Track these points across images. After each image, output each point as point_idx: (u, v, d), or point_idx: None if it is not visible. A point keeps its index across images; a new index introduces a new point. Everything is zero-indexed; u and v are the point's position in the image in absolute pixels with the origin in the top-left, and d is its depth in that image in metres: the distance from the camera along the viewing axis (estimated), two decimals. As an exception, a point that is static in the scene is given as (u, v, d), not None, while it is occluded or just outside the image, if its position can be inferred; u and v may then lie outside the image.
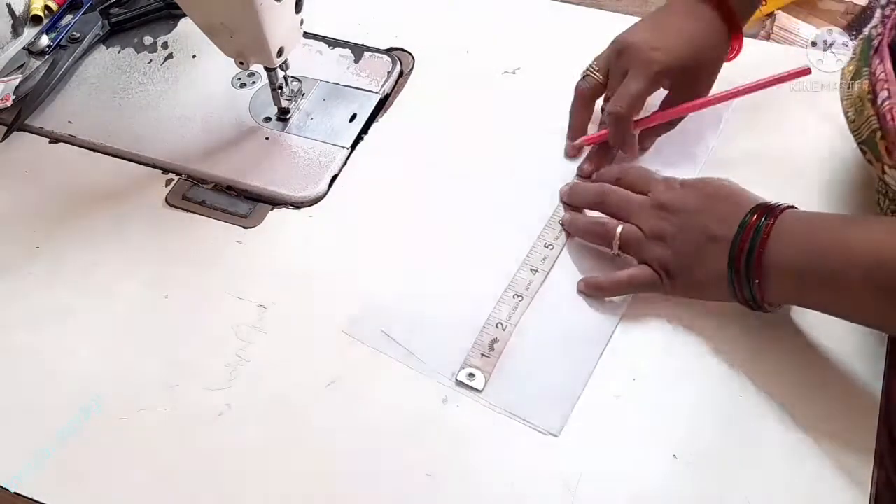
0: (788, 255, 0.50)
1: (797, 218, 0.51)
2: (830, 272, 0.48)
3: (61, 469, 0.52)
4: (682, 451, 0.51)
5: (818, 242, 0.49)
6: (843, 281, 0.48)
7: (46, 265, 0.62)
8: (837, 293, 0.49)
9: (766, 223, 0.50)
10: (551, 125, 0.68)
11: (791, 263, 0.49)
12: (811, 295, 0.51)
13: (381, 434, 0.52)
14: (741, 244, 0.51)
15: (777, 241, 0.50)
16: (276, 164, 0.67)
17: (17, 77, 0.73)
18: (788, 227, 0.50)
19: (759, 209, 0.52)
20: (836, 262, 0.48)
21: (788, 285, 0.50)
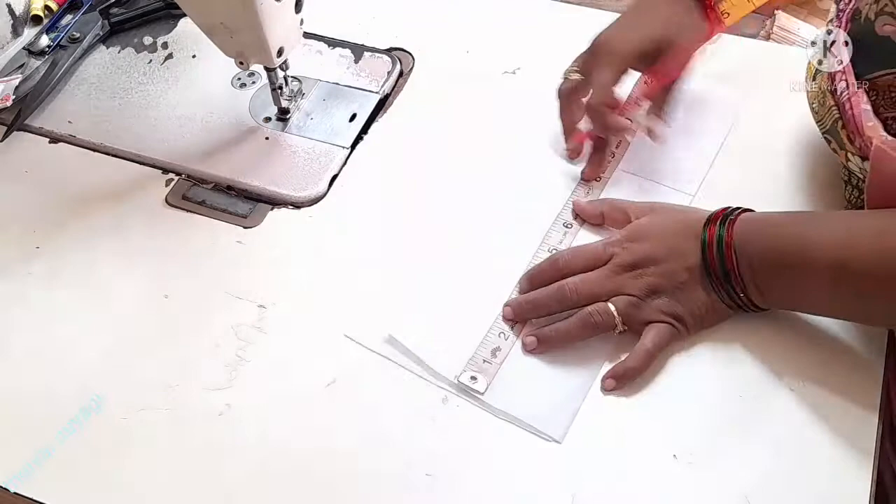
0: (754, 260, 0.52)
1: (751, 220, 0.53)
2: (800, 277, 0.51)
3: (61, 469, 0.52)
4: (682, 451, 0.51)
5: (778, 242, 0.52)
6: (813, 286, 0.51)
7: (46, 265, 0.62)
8: (812, 296, 0.52)
9: (722, 235, 0.53)
10: (551, 125, 0.68)
11: (759, 268, 0.51)
12: (792, 298, 0.53)
13: (381, 434, 0.52)
14: (710, 260, 0.53)
15: (741, 248, 0.52)
16: (276, 164, 0.67)
17: (17, 77, 0.73)
18: (744, 232, 0.52)
19: (708, 223, 0.54)
20: (802, 267, 0.50)
21: (769, 289, 0.52)
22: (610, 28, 0.63)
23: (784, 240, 0.52)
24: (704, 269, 0.53)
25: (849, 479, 0.49)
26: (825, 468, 0.49)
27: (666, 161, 0.65)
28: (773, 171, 0.64)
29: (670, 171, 0.65)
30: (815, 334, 0.55)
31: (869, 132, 0.53)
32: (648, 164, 0.65)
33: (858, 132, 0.54)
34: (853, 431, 0.51)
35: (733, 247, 0.52)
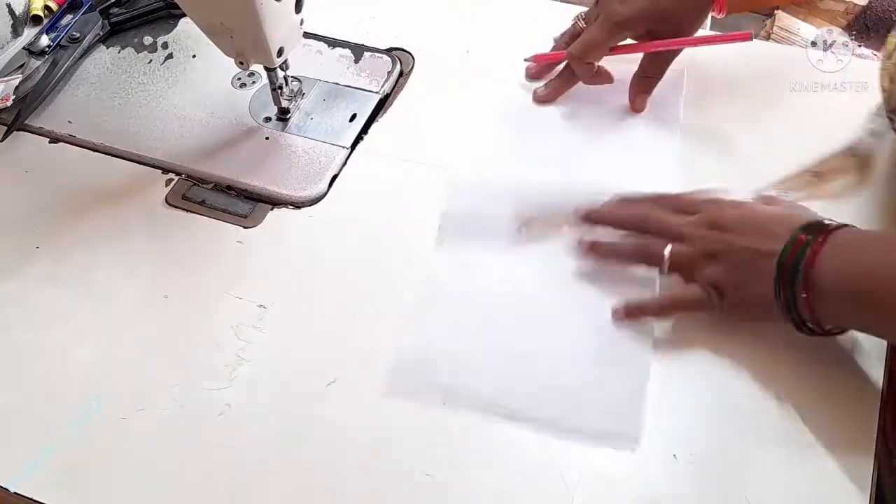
0: (838, 273, 0.48)
1: (852, 236, 0.50)
2: (877, 290, 0.47)
3: (61, 469, 0.52)
4: (682, 451, 0.51)
5: (872, 262, 0.48)
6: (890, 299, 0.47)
7: (46, 265, 0.62)
8: (884, 313, 0.48)
9: (815, 239, 0.49)
10: (551, 124, 0.68)
11: (840, 281, 0.48)
12: (863, 316, 0.49)
13: (381, 434, 0.52)
14: (788, 258, 0.50)
15: (829, 257, 0.48)
16: (276, 164, 0.67)
17: (17, 77, 0.73)
18: (842, 244, 0.49)
19: (811, 226, 0.51)
20: (883, 280, 0.47)
21: (838, 304, 0.49)
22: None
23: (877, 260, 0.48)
24: (777, 268, 0.50)
25: (849, 479, 0.49)
26: (825, 468, 0.49)
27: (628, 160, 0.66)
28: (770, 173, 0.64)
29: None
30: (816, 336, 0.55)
31: None
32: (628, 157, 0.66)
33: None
34: (853, 431, 0.51)
35: (819, 257, 0.49)
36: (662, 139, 0.66)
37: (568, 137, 0.68)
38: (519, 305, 0.57)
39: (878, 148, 0.62)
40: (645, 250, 0.56)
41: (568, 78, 0.69)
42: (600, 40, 0.65)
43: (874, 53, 1.60)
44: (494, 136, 0.68)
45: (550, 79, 0.70)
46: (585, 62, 0.66)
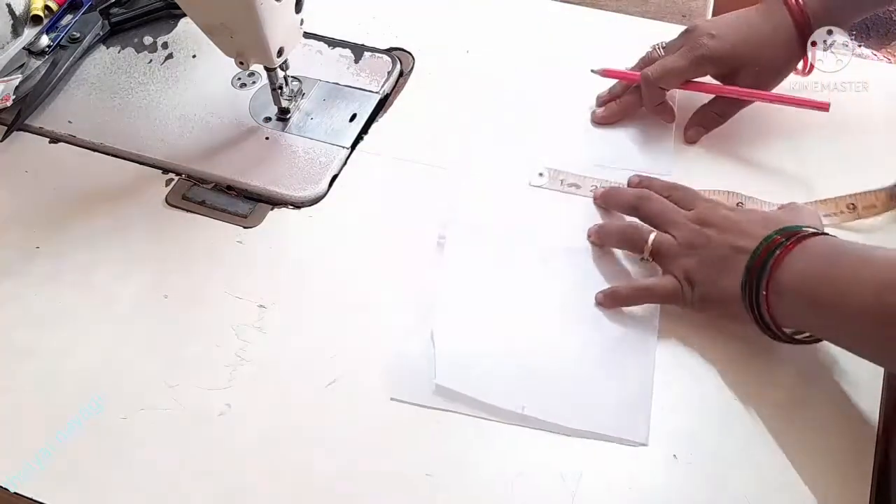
0: (800, 274, 0.49)
1: (824, 243, 0.50)
2: (836, 293, 0.47)
3: (61, 469, 0.52)
4: (682, 451, 0.51)
5: (832, 265, 0.48)
6: (848, 304, 0.47)
7: (46, 265, 0.62)
8: (841, 317, 0.48)
9: (787, 242, 0.50)
10: (551, 124, 0.68)
11: (801, 282, 0.49)
12: (816, 317, 0.49)
13: (381, 434, 0.52)
14: (759, 257, 0.51)
15: (795, 259, 0.49)
16: (276, 164, 0.66)
17: (17, 77, 0.73)
18: (812, 249, 0.50)
19: (787, 230, 0.51)
20: (843, 284, 0.47)
21: (793, 304, 0.49)
22: (708, 20, 0.65)
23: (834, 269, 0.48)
24: (747, 265, 0.51)
25: (849, 479, 0.49)
26: (825, 468, 0.49)
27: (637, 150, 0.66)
28: (773, 171, 0.64)
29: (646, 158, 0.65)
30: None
31: None
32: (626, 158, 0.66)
33: None
34: (853, 432, 0.51)
35: (783, 260, 0.50)
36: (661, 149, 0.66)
37: (568, 137, 0.68)
38: (524, 310, 0.57)
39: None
40: (631, 232, 0.58)
41: (631, 103, 0.67)
42: (680, 69, 0.64)
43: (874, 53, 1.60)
44: (494, 136, 0.68)
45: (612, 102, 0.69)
46: (658, 86, 0.65)
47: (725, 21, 0.65)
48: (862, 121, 0.67)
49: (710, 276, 0.53)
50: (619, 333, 0.56)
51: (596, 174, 0.64)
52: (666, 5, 1.01)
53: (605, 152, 0.66)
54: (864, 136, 0.66)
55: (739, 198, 0.61)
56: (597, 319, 0.56)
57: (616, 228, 0.60)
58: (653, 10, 1.01)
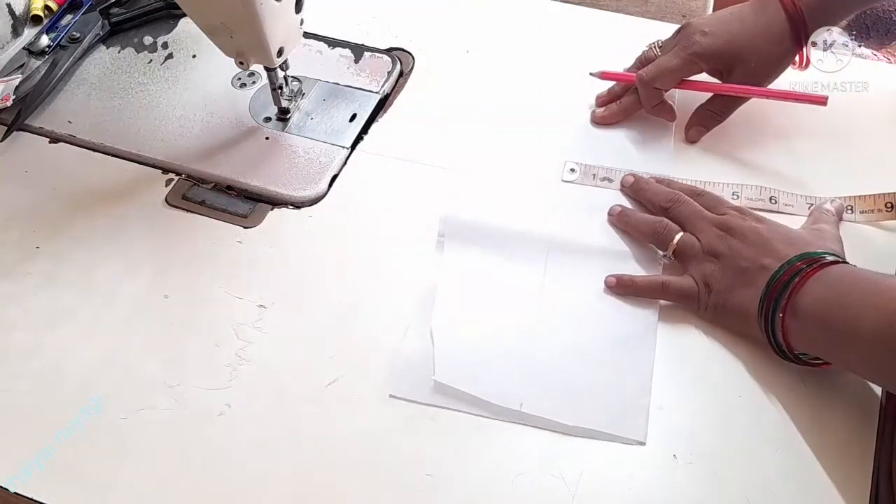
0: (816, 300, 0.49)
1: (845, 272, 0.50)
2: (850, 320, 0.48)
3: (61, 469, 0.52)
4: (682, 451, 0.51)
5: (848, 293, 0.49)
6: (861, 332, 0.47)
7: (46, 265, 0.62)
8: (853, 344, 0.48)
9: (808, 269, 0.50)
10: (551, 124, 0.68)
11: (816, 308, 0.49)
12: (829, 343, 0.50)
13: (381, 434, 0.52)
14: (780, 279, 0.51)
15: (814, 285, 0.50)
16: (276, 164, 0.67)
17: (17, 77, 0.73)
18: (830, 276, 0.50)
19: (810, 256, 0.52)
20: (857, 311, 0.47)
21: (809, 329, 0.50)
22: (701, 17, 0.64)
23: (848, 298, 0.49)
24: (766, 285, 0.52)
25: (849, 479, 0.49)
26: (825, 468, 0.49)
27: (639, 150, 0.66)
28: (773, 171, 0.64)
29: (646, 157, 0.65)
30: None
31: None
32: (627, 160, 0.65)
33: None
34: (853, 432, 0.51)
35: (803, 285, 0.50)
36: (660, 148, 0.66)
37: (568, 137, 0.68)
38: (524, 307, 0.57)
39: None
40: (659, 230, 0.58)
41: (630, 105, 0.67)
42: (674, 68, 0.64)
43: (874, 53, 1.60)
44: (495, 135, 0.68)
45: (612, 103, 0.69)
46: (653, 87, 0.65)
47: (718, 17, 0.65)
48: (862, 121, 0.67)
49: (728, 287, 0.54)
50: (618, 332, 0.56)
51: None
52: (666, 5, 1.01)
53: (606, 152, 0.66)
54: (864, 136, 0.66)
55: (773, 192, 0.61)
56: (597, 317, 0.56)
57: (645, 220, 0.60)
58: (653, 10, 1.01)
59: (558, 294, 0.58)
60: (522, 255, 0.60)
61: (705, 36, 0.63)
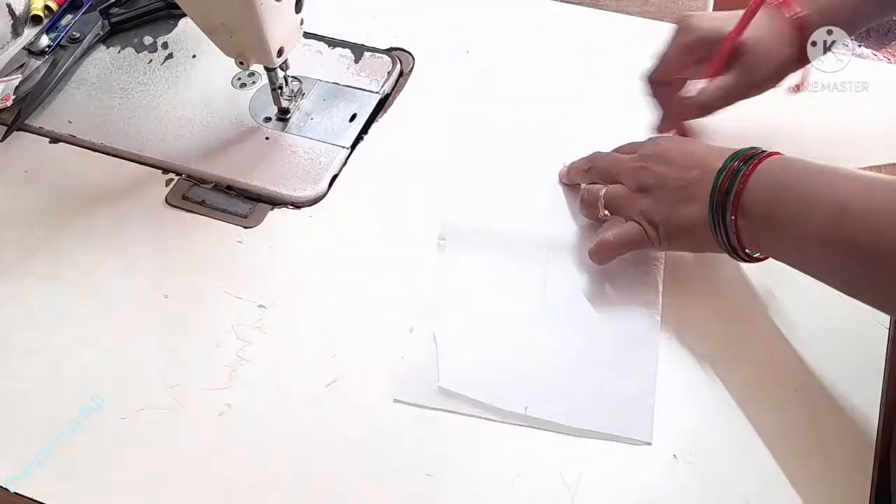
0: (762, 196, 0.49)
1: (783, 163, 0.50)
2: (796, 214, 0.47)
3: (61, 469, 0.52)
4: (682, 451, 0.51)
5: (792, 186, 0.48)
6: (808, 226, 0.47)
7: (46, 265, 0.62)
8: (801, 240, 0.48)
9: (747, 166, 0.50)
10: (551, 124, 0.68)
11: (763, 204, 0.49)
12: (778, 240, 0.49)
13: (381, 434, 0.52)
14: (722, 183, 0.50)
15: (757, 181, 0.49)
16: (276, 164, 0.67)
17: (17, 77, 0.73)
18: (772, 170, 0.50)
19: (743, 153, 0.51)
20: (802, 205, 0.47)
21: (759, 227, 0.49)
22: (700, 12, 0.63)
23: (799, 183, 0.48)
24: (711, 193, 0.51)
25: (849, 480, 0.49)
26: (825, 468, 0.49)
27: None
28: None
29: None
30: (816, 334, 0.55)
31: None
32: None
33: None
34: (853, 431, 0.51)
35: (749, 181, 0.49)
36: None
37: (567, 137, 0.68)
38: (527, 309, 0.57)
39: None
40: (584, 196, 0.58)
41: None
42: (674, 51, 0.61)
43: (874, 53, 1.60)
44: (494, 135, 0.68)
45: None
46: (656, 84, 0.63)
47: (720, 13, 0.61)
48: (862, 120, 0.67)
49: (670, 212, 0.53)
50: (621, 332, 0.55)
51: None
52: (666, 5, 1.01)
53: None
54: (864, 137, 0.66)
55: None
56: (599, 318, 0.56)
57: (580, 201, 0.60)
58: (653, 10, 1.01)
59: (560, 295, 0.58)
60: (523, 256, 0.60)
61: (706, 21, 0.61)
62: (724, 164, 0.51)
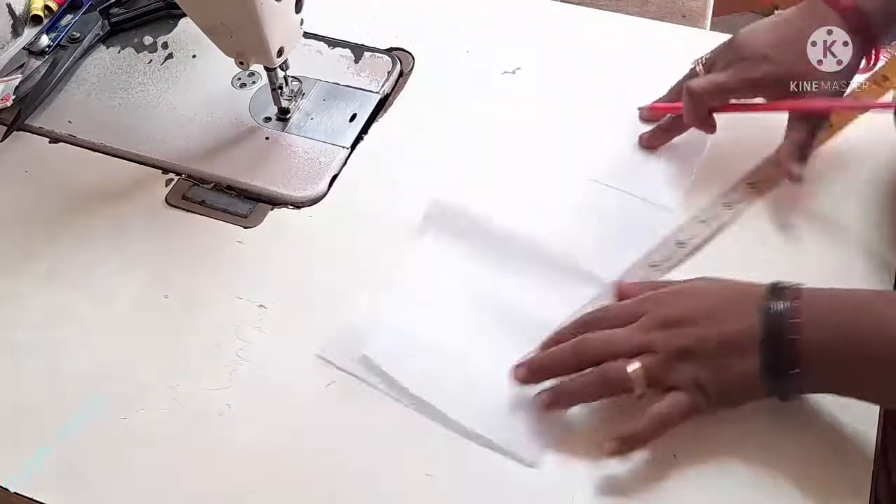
0: (826, 340, 0.45)
1: (825, 297, 0.47)
2: (879, 359, 0.45)
3: (61, 469, 0.52)
4: (682, 450, 0.51)
5: (857, 325, 0.45)
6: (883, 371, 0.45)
7: (46, 265, 0.62)
8: (877, 382, 0.46)
9: (790, 306, 0.46)
10: (551, 125, 0.68)
11: (831, 349, 0.45)
12: (856, 383, 0.47)
13: (381, 434, 0.52)
14: (770, 332, 0.46)
15: (811, 323, 0.45)
16: (276, 164, 0.67)
17: (17, 77, 0.73)
18: (818, 309, 0.46)
19: (775, 292, 0.47)
20: (882, 347, 0.44)
21: (830, 373, 0.46)
22: (754, 33, 0.59)
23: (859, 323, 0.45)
24: (762, 342, 0.46)
25: (849, 481, 0.49)
26: (825, 469, 0.49)
27: (645, 173, 0.64)
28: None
29: (650, 184, 0.63)
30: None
31: None
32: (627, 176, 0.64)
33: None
34: (853, 432, 0.51)
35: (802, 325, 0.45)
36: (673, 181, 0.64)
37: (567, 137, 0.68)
38: (476, 311, 0.57)
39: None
40: (608, 378, 0.49)
41: (674, 126, 0.63)
42: (729, 88, 0.59)
43: (874, 53, 1.59)
44: (494, 136, 0.68)
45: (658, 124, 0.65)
46: (703, 100, 0.59)
47: (779, 37, 0.58)
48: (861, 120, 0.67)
49: (721, 374, 0.48)
50: None
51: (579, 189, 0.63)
52: (666, 5, 1.02)
53: (600, 166, 0.65)
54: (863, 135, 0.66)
55: None
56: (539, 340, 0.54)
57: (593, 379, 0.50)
58: (653, 11, 1.01)
59: (517, 308, 0.57)
60: (497, 258, 0.59)
61: (767, 62, 0.57)
62: (760, 307, 0.47)
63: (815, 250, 0.58)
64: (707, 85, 0.59)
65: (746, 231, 0.60)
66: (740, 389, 0.48)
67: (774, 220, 0.60)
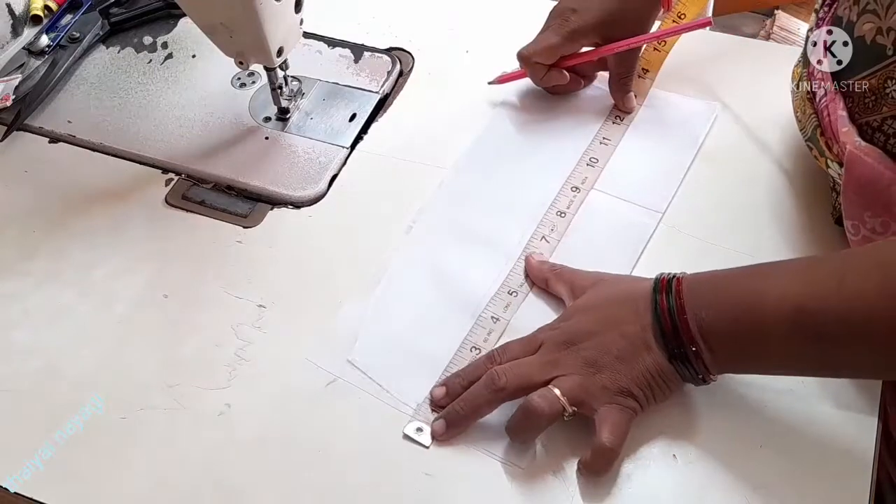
0: (711, 318, 0.47)
1: (699, 279, 0.49)
2: (757, 332, 0.47)
3: (61, 469, 0.52)
4: (682, 451, 0.51)
5: (730, 299, 0.48)
6: (771, 337, 0.46)
7: (46, 265, 0.62)
8: (769, 351, 0.47)
9: (673, 294, 0.49)
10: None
11: (717, 326, 0.47)
12: (755, 354, 0.48)
13: (381, 434, 0.52)
14: (664, 327, 0.49)
15: (694, 306, 0.48)
16: (275, 163, 0.67)
17: (17, 77, 0.73)
18: (696, 289, 0.49)
19: (656, 286, 0.50)
20: (758, 320, 0.46)
21: (728, 348, 0.48)
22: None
23: (738, 297, 0.48)
24: (661, 336, 0.49)
25: (849, 481, 0.49)
26: (825, 470, 0.49)
27: (633, 176, 0.64)
28: (767, 177, 0.64)
29: (638, 188, 0.63)
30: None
31: (843, 137, 0.52)
32: (616, 180, 0.64)
33: (835, 138, 0.54)
34: (853, 432, 0.51)
35: (687, 314, 0.48)
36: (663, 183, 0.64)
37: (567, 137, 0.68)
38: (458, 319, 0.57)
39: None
40: (528, 414, 0.49)
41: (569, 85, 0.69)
42: (553, 44, 0.65)
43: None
44: (494, 136, 0.68)
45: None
46: (535, 62, 0.66)
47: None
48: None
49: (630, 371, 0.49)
50: None
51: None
52: (666, 5, 1.01)
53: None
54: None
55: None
56: None
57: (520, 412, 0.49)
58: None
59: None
60: (484, 267, 0.59)
61: (576, 14, 0.65)
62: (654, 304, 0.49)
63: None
64: (532, 46, 0.66)
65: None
66: (661, 380, 0.50)
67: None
